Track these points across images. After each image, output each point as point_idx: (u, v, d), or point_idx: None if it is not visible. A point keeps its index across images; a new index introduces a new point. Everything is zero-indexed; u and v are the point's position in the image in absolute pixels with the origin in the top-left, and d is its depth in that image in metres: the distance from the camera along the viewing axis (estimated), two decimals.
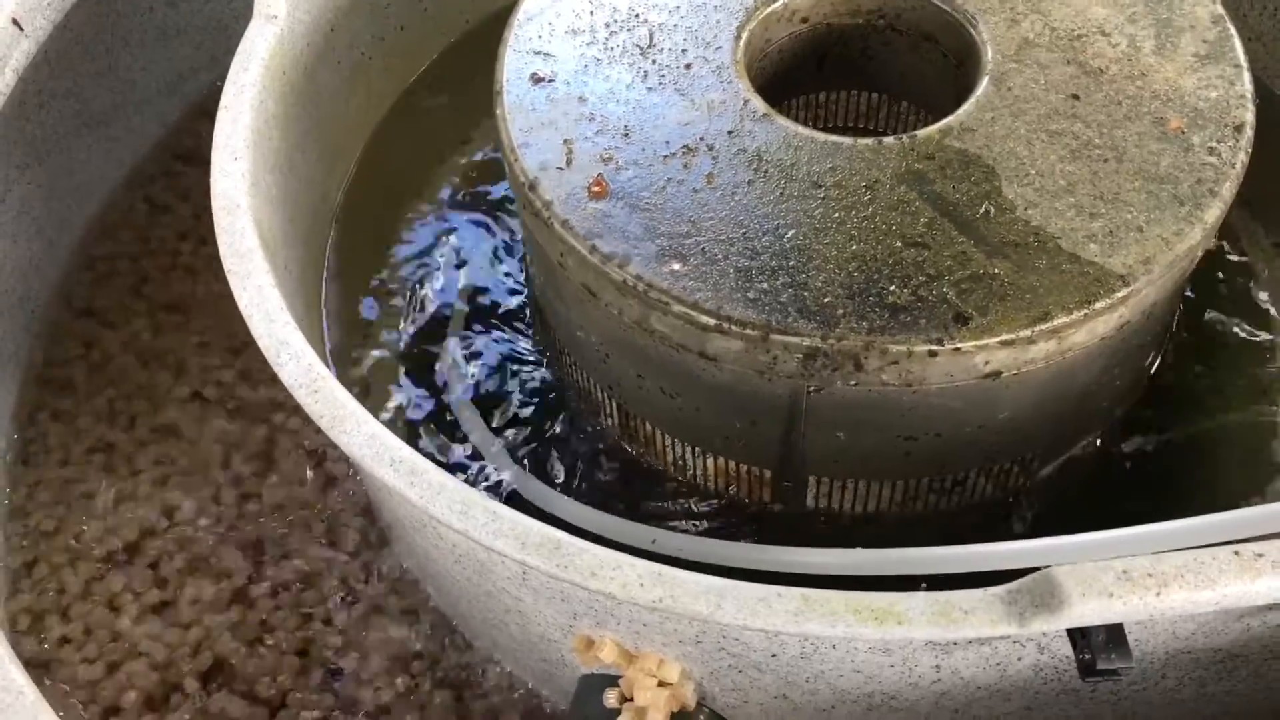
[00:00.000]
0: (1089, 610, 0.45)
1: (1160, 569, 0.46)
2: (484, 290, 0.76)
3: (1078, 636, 0.47)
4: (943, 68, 0.67)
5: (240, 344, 0.81)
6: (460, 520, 0.50)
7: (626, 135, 0.61)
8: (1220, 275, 0.75)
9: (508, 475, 0.68)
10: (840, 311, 0.54)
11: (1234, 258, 0.75)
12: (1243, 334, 0.72)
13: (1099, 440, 0.67)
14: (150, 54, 0.90)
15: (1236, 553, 0.46)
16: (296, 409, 0.74)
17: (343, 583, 0.71)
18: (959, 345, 0.53)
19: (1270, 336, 0.72)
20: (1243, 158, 0.58)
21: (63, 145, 0.85)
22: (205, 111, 0.93)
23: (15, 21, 0.73)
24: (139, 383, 0.81)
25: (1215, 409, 0.70)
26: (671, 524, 0.65)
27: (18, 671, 0.51)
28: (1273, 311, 0.73)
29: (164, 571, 0.73)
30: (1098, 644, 0.47)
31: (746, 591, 0.47)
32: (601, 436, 0.70)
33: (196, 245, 0.87)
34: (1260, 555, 0.46)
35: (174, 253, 0.87)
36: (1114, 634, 0.46)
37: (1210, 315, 0.73)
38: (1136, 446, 0.68)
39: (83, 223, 0.88)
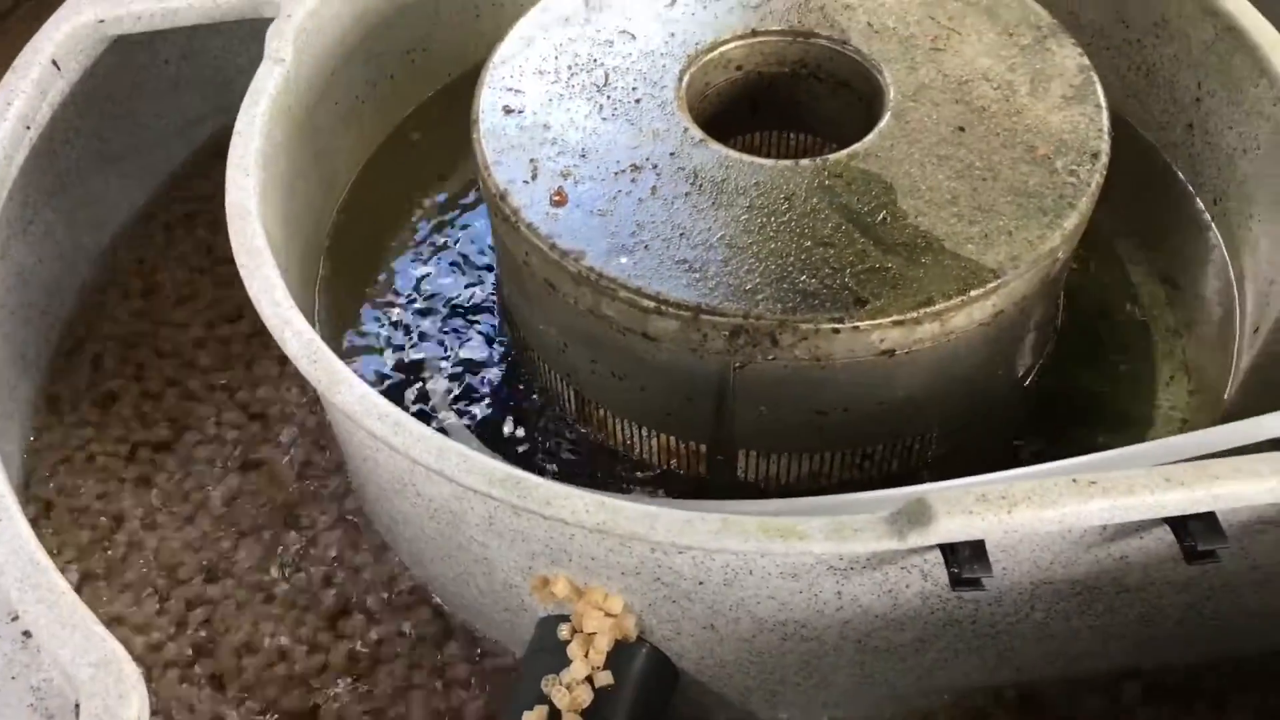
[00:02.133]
0: (954, 526, 0.55)
1: (1011, 492, 0.55)
2: (459, 300, 0.87)
3: (948, 553, 0.56)
4: (856, 108, 0.79)
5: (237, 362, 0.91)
6: (437, 461, 0.60)
7: (584, 155, 0.72)
8: (1108, 297, 0.86)
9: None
10: (760, 296, 0.64)
11: (1118, 279, 0.87)
12: (1122, 342, 0.83)
13: (994, 423, 0.77)
14: (164, 101, 1.01)
15: (1074, 480, 0.56)
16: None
17: None
18: (857, 324, 0.63)
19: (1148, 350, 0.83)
20: (1098, 179, 0.69)
21: (84, 178, 0.94)
22: (211, 153, 1.03)
23: (54, 62, 0.83)
24: (146, 387, 0.90)
25: (1095, 408, 0.80)
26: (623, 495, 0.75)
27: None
28: (1150, 326, 0.84)
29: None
30: (964, 558, 0.56)
31: (675, 515, 0.57)
32: (562, 421, 0.79)
33: (199, 271, 0.97)
34: (1093, 483, 0.55)
35: (179, 278, 0.96)
36: (976, 549, 0.56)
37: (1096, 326, 0.84)
38: (1028, 429, 0.79)
39: (98, 247, 0.97)
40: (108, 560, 0.81)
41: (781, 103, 0.82)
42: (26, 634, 0.56)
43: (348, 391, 0.63)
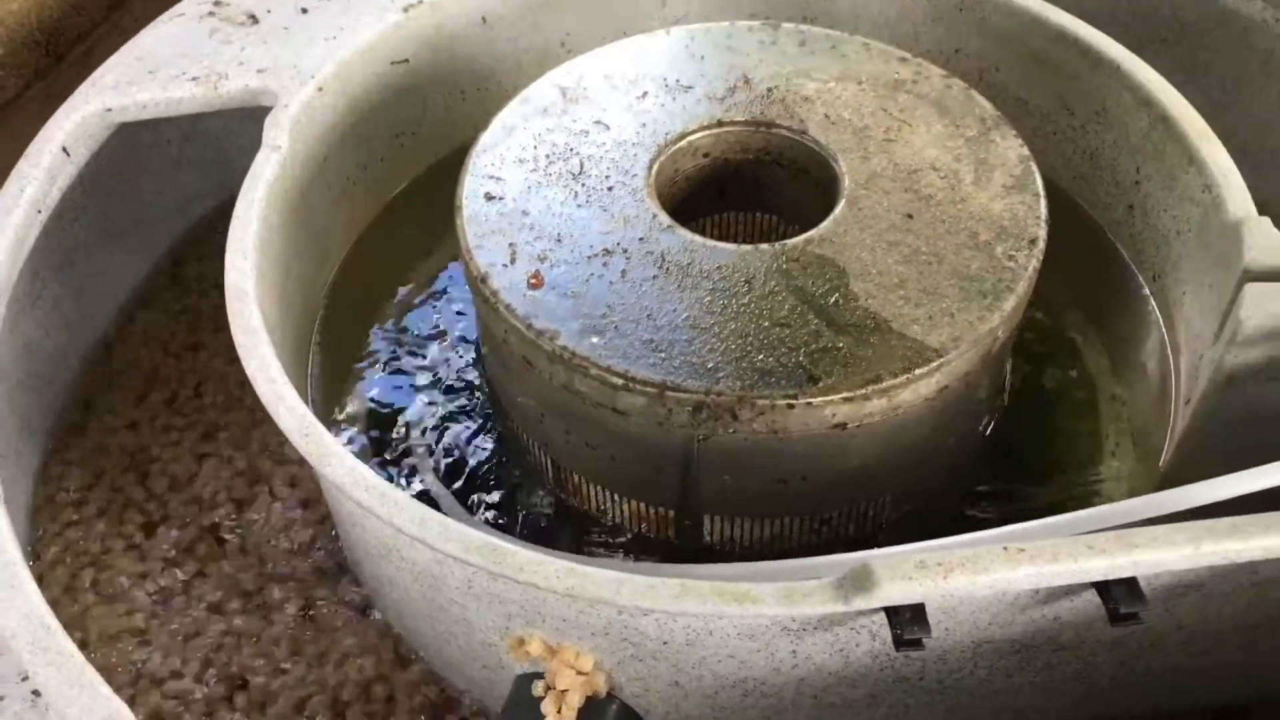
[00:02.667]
0: (895, 591, 0.60)
1: (948, 559, 0.60)
2: (444, 370, 0.92)
3: (892, 615, 0.61)
4: (815, 194, 0.84)
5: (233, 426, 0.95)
6: (418, 530, 0.64)
7: (559, 240, 0.77)
8: (1058, 367, 0.91)
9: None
10: (720, 374, 0.69)
11: (1067, 350, 0.92)
12: (1070, 410, 0.89)
13: (945, 488, 0.82)
14: (165, 180, 1.06)
15: (1005, 548, 0.61)
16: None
17: None
18: (810, 400, 0.68)
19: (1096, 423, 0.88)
20: (1035, 263, 0.75)
21: (89, 254, 0.99)
22: (209, 228, 1.09)
23: (64, 149, 0.89)
24: (146, 455, 0.94)
25: (1043, 472, 0.85)
26: (597, 556, 0.79)
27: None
28: (1097, 395, 0.89)
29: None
30: (905, 620, 0.61)
31: (638, 580, 0.61)
32: (541, 486, 0.84)
33: (196, 342, 1.01)
34: (1022, 550, 0.60)
35: (177, 348, 1.01)
36: (917, 612, 0.60)
37: (1045, 395, 0.89)
38: (981, 494, 0.84)
39: (103, 319, 1.02)
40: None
41: (747, 187, 0.88)
42: (36, 693, 0.60)
43: (337, 464, 0.68)
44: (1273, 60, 1.00)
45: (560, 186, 0.80)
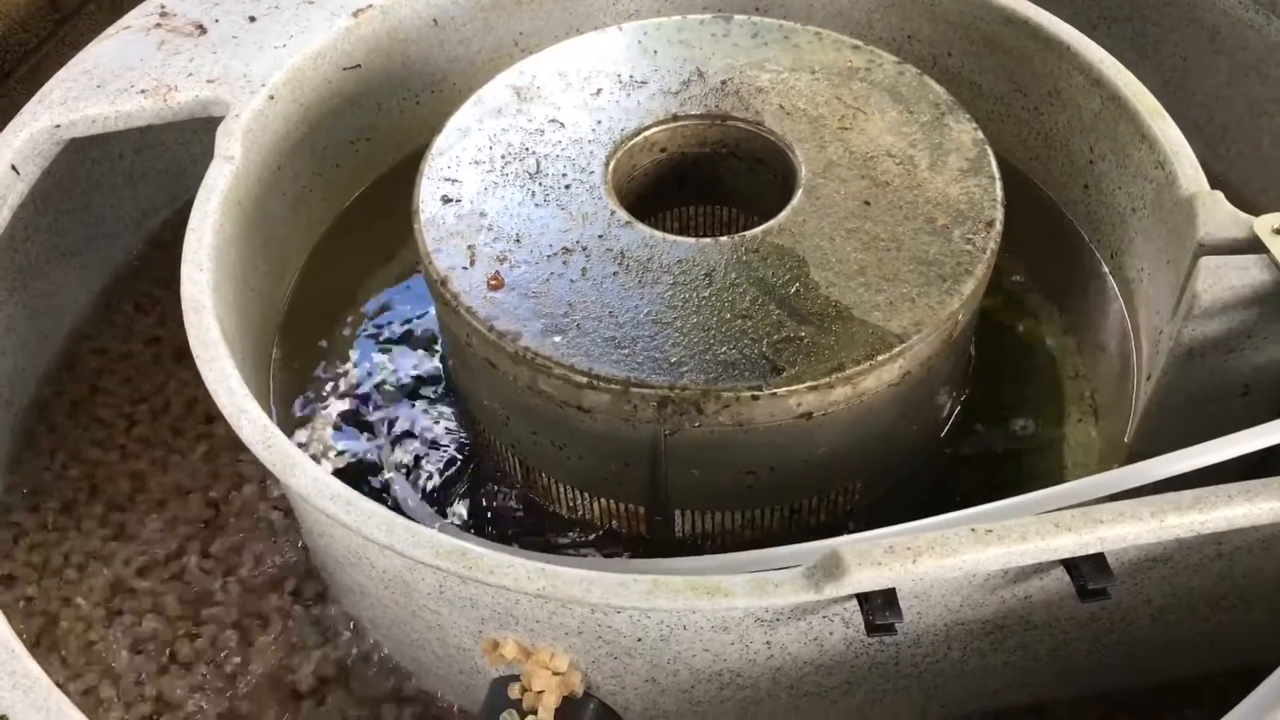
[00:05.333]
0: (865, 577, 0.60)
1: (916, 543, 0.60)
2: (407, 376, 0.91)
3: (863, 601, 0.61)
4: (772, 184, 0.84)
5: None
6: (386, 537, 0.64)
7: (518, 240, 0.77)
8: (1020, 347, 0.92)
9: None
10: (684, 368, 0.69)
11: (1029, 330, 0.93)
12: (1034, 389, 0.89)
13: (913, 472, 0.82)
14: (118, 194, 1.05)
15: (973, 529, 0.61)
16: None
17: None
18: (775, 390, 0.68)
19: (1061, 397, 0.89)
20: (993, 245, 0.75)
21: (43, 272, 0.98)
22: (164, 243, 1.08)
23: (14, 167, 0.87)
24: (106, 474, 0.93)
25: (1010, 452, 0.86)
26: (569, 555, 0.79)
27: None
28: (1059, 374, 0.90)
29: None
30: (877, 606, 0.61)
31: (609, 578, 0.61)
32: (510, 488, 0.84)
33: (156, 359, 1.00)
34: (990, 530, 0.61)
35: (137, 365, 1.00)
36: (888, 597, 0.61)
37: (1010, 375, 0.90)
38: (949, 476, 0.84)
39: (59, 338, 1.01)
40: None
41: (705, 180, 0.88)
42: (3, 718, 0.59)
43: (301, 474, 0.67)
44: (1219, 35, 1.01)
45: (517, 186, 0.80)
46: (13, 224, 0.89)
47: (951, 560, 0.60)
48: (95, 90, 0.90)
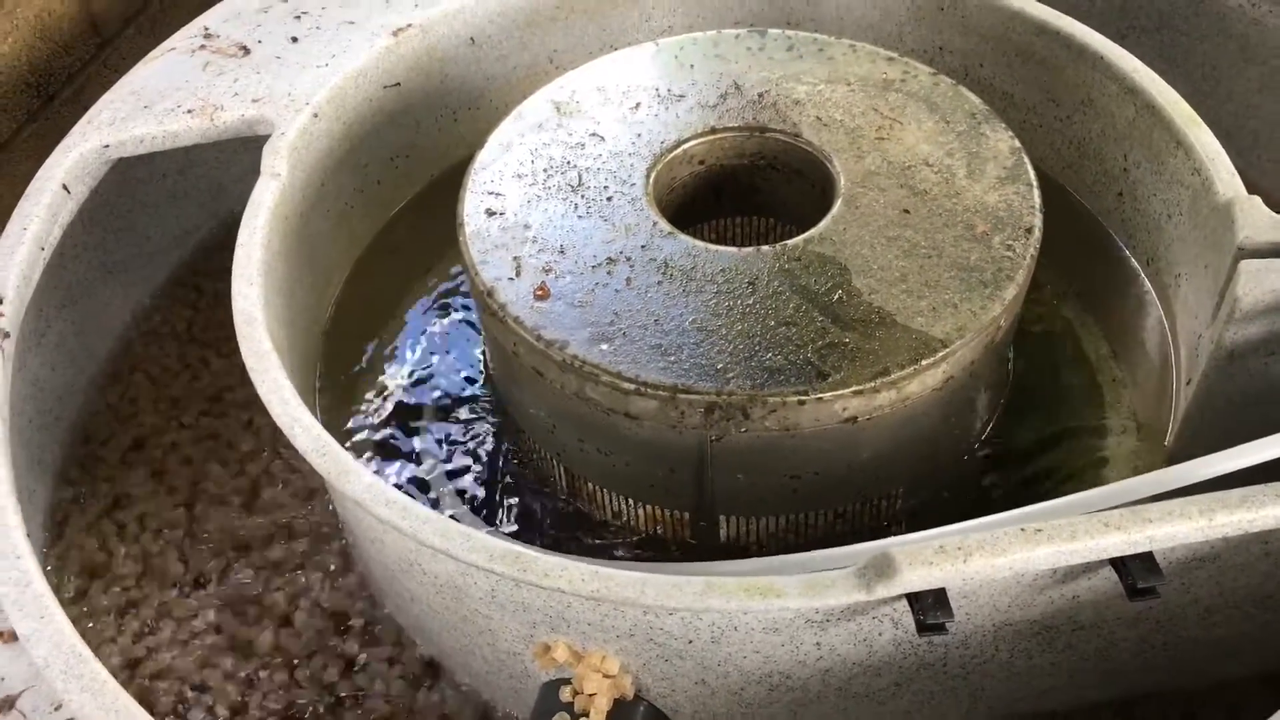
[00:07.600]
0: (916, 577, 0.60)
1: (967, 543, 0.61)
2: (452, 384, 0.92)
3: (914, 601, 0.62)
4: (811, 194, 0.85)
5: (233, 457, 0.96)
6: (442, 541, 0.65)
7: (562, 252, 0.78)
8: (1059, 354, 0.93)
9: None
10: (730, 374, 0.70)
11: (1067, 337, 0.93)
12: (1073, 395, 0.90)
13: (955, 476, 0.83)
14: (162, 213, 1.07)
15: (1023, 529, 0.61)
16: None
17: None
18: (821, 395, 0.69)
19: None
20: (1033, 251, 0.76)
21: (90, 289, 1.00)
22: (208, 259, 1.10)
23: (64, 186, 0.89)
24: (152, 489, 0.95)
25: (1051, 456, 0.86)
26: (616, 560, 0.80)
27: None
28: (1099, 380, 0.90)
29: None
30: (928, 606, 0.61)
31: (662, 580, 0.62)
32: (554, 495, 0.85)
33: (198, 372, 1.02)
34: (1039, 530, 0.61)
35: (182, 378, 1.02)
36: (939, 597, 0.61)
37: (1048, 381, 0.90)
38: (990, 480, 0.85)
39: (105, 353, 1.02)
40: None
41: (743, 191, 0.89)
42: None
43: (356, 481, 0.68)
44: (1249, 44, 1.02)
45: (560, 199, 0.81)
46: (62, 242, 0.91)
47: (1002, 560, 0.61)
48: (143, 110, 0.92)
